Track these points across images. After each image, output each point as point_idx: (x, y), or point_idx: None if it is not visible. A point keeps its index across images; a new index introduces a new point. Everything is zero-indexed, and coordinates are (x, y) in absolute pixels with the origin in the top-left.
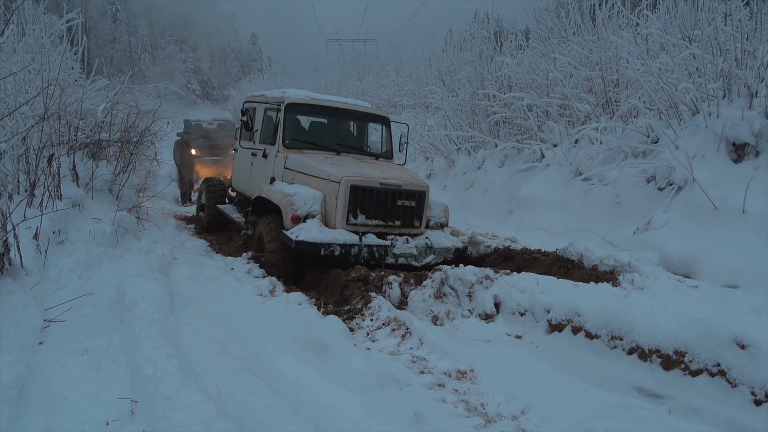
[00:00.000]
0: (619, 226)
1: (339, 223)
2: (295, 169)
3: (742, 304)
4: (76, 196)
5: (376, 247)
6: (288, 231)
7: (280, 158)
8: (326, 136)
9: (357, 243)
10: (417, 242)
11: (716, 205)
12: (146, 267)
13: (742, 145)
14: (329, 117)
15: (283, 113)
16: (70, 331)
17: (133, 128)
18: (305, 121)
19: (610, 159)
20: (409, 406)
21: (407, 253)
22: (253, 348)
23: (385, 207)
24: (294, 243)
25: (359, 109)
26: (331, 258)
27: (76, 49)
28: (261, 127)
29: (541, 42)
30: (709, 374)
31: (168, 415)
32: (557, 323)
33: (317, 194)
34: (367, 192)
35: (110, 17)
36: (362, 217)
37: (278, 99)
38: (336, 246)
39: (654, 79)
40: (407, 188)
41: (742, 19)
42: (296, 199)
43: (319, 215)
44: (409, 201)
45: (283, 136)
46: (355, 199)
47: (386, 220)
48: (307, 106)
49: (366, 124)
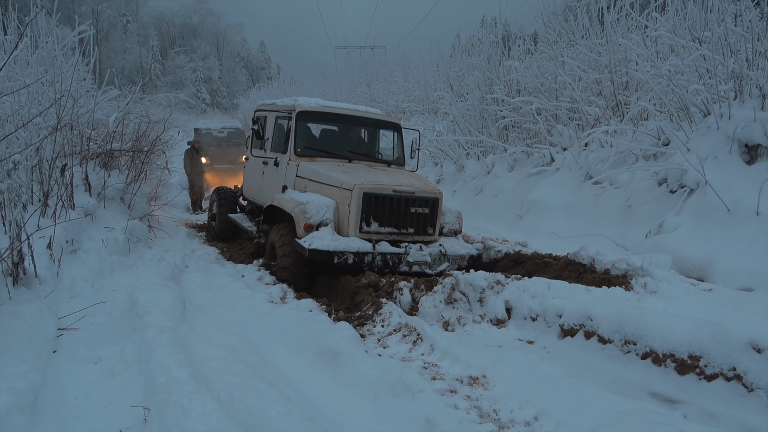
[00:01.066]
0: (630, 230)
1: (352, 231)
2: (308, 177)
3: (757, 307)
4: (89, 206)
5: (390, 255)
6: (301, 240)
7: (292, 166)
8: (338, 144)
9: (370, 251)
10: (431, 250)
11: (729, 207)
12: (158, 275)
13: (754, 147)
14: (340, 124)
15: (294, 121)
16: (84, 339)
17: (144, 137)
18: (316, 128)
19: (621, 162)
20: (421, 412)
21: (421, 261)
22: (265, 355)
23: (398, 214)
24: (307, 252)
25: (370, 115)
26: (345, 266)
27: (88, 61)
28: (272, 136)
29: (550, 46)
30: (725, 378)
31: (181, 423)
32: (569, 328)
33: (330, 202)
34: (380, 199)
35: (121, 28)
36: (375, 224)
37: (289, 107)
38: (349, 254)
39: (664, 81)
40: (420, 195)
41: (753, 19)
42: (309, 207)
43: (332, 223)
44: (422, 208)
45: (294, 144)
46: (368, 206)
47: (399, 227)
48: (319, 114)
49: (377, 131)
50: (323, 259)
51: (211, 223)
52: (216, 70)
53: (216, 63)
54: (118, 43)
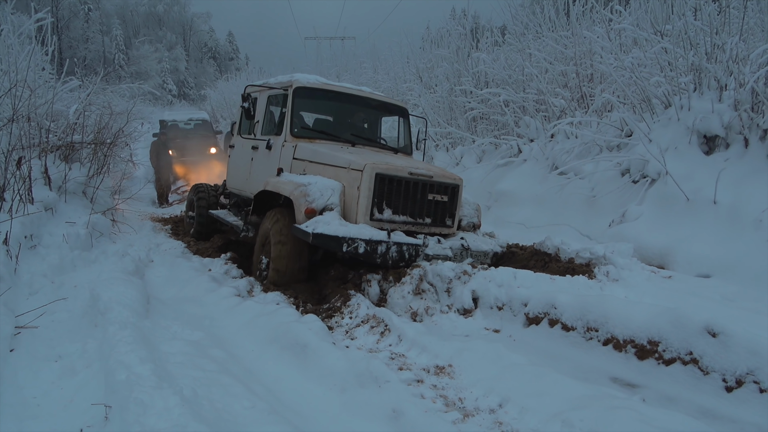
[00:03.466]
0: (595, 219)
1: (361, 218)
2: (307, 159)
3: (714, 293)
4: (49, 200)
5: (407, 246)
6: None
7: (288, 148)
8: (339, 126)
9: (385, 240)
10: (451, 243)
11: (688, 196)
12: (121, 270)
13: (712, 137)
14: (342, 104)
15: (291, 99)
16: (43, 337)
17: (106, 129)
18: (315, 108)
19: (586, 153)
20: (387, 403)
21: (442, 255)
22: (231, 349)
23: (414, 201)
24: (311, 237)
25: (376, 97)
26: (354, 257)
27: (47, 50)
28: (264, 118)
29: (517, 38)
30: (682, 363)
31: (141, 420)
32: (534, 316)
33: (335, 185)
34: (395, 183)
35: (82, 17)
36: (388, 212)
37: (285, 83)
38: (361, 242)
39: (627, 73)
40: (439, 180)
41: (711, 13)
42: (311, 190)
43: (338, 209)
44: (440, 195)
45: (291, 124)
46: (381, 190)
47: (415, 216)
48: (318, 92)
49: (382, 115)
50: (329, 246)
51: (189, 221)
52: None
53: (182, 53)
54: (79, 32)
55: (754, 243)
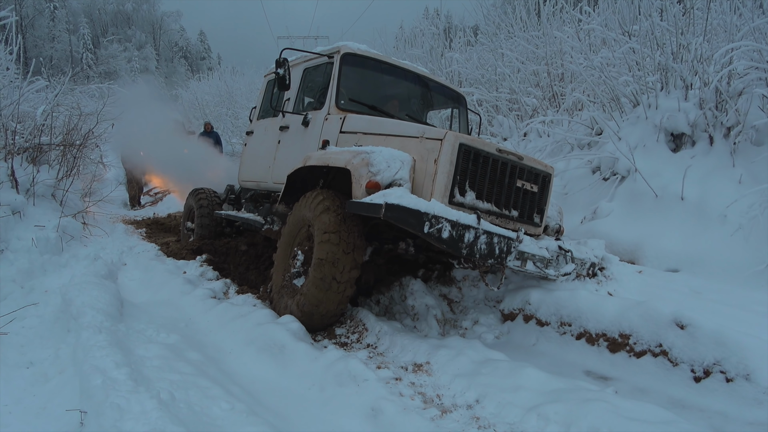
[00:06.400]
0: (567, 216)
1: (438, 198)
2: (360, 131)
3: (683, 286)
4: (16, 203)
5: (499, 239)
6: (366, 199)
7: (333, 121)
8: (392, 104)
9: (475, 225)
10: (547, 244)
11: (657, 193)
12: (94, 274)
13: (679, 135)
14: (397, 80)
15: (337, 66)
16: (14, 343)
17: (75, 131)
18: (364, 80)
19: (558, 151)
20: (366, 401)
21: (539, 255)
22: (208, 352)
23: (500, 186)
24: (383, 208)
25: (436, 79)
26: (435, 242)
27: (11, 49)
28: (296, 94)
29: (489, 38)
30: (652, 354)
31: (118, 425)
32: (509, 312)
33: (405, 156)
34: (481, 159)
35: (48, 15)
36: (471, 195)
37: (330, 50)
38: (446, 223)
39: (596, 72)
40: (530, 165)
41: (676, 14)
42: (375, 158)
43: (408, 185)
44: (531, 184)
45: (337, 95)
46: (465, 167)
47: (500, 206)
48: (370, 61)
49: (436, 101)
50: (407, 224)
51: (187, 230)
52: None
53: (152, 53)
54: (45, 30)
55: (719, 237)
